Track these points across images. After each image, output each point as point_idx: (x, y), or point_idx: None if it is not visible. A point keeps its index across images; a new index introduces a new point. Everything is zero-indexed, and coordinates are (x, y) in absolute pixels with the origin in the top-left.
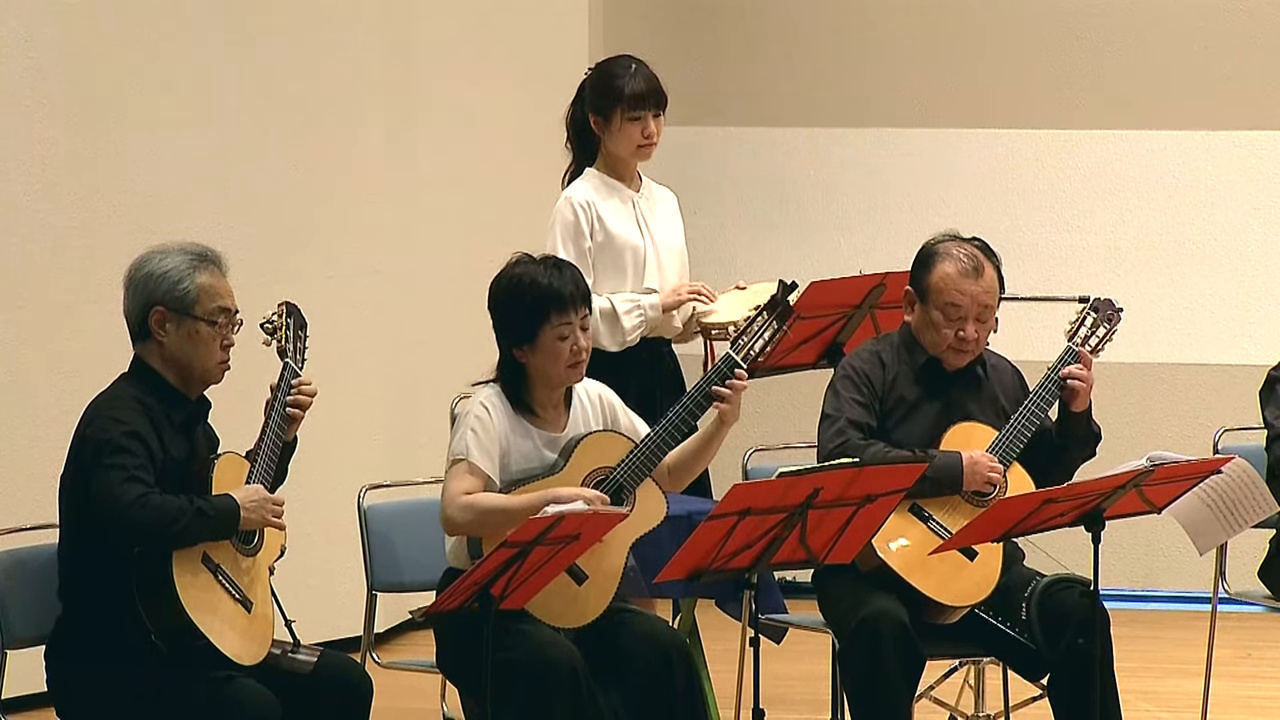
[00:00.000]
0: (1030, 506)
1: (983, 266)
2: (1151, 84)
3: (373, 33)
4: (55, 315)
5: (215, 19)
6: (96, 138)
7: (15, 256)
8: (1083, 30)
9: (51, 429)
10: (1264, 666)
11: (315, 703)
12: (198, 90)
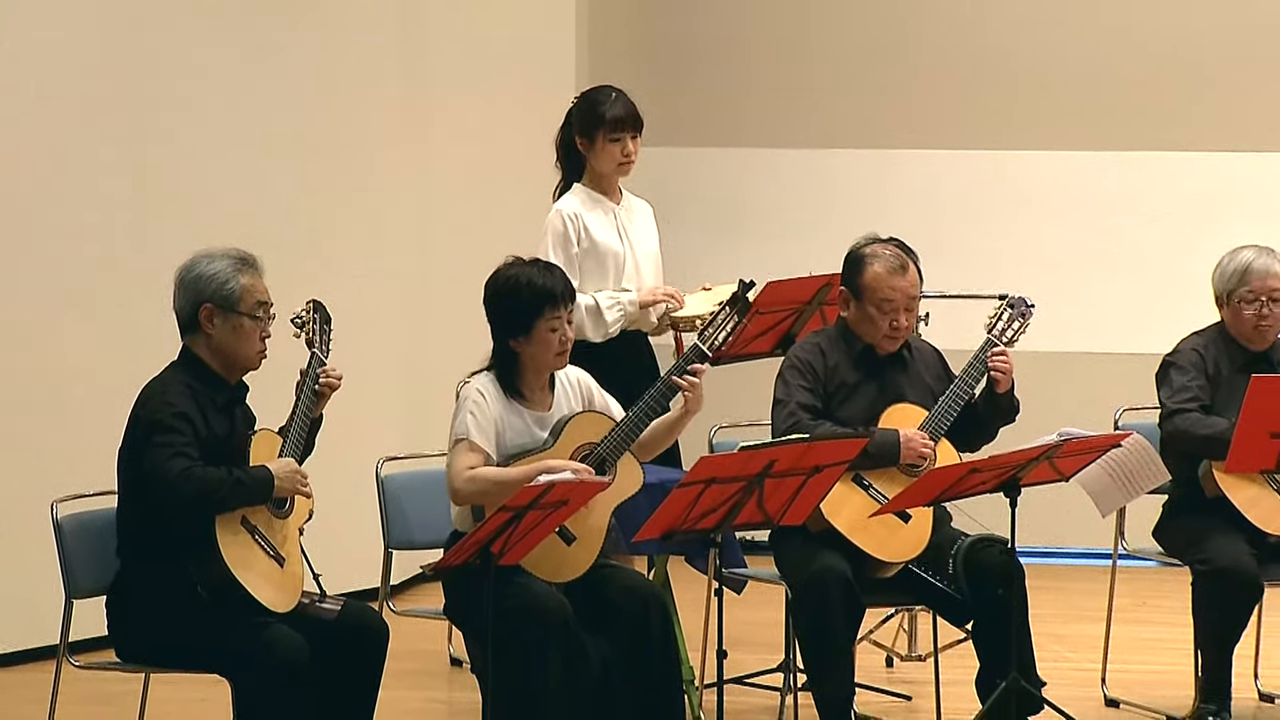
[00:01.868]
0: (957, 476)
1: (907, 264)
2: (1063, 112)
3: (391, 60)
4: (109, 309)
5: (251, 47)
6: (144, 152)
7: (72, 258)
8: (1003, 65)
9: (109, 409)
10: (1156, 613)
11: (339, 645)
12: (235, 109)
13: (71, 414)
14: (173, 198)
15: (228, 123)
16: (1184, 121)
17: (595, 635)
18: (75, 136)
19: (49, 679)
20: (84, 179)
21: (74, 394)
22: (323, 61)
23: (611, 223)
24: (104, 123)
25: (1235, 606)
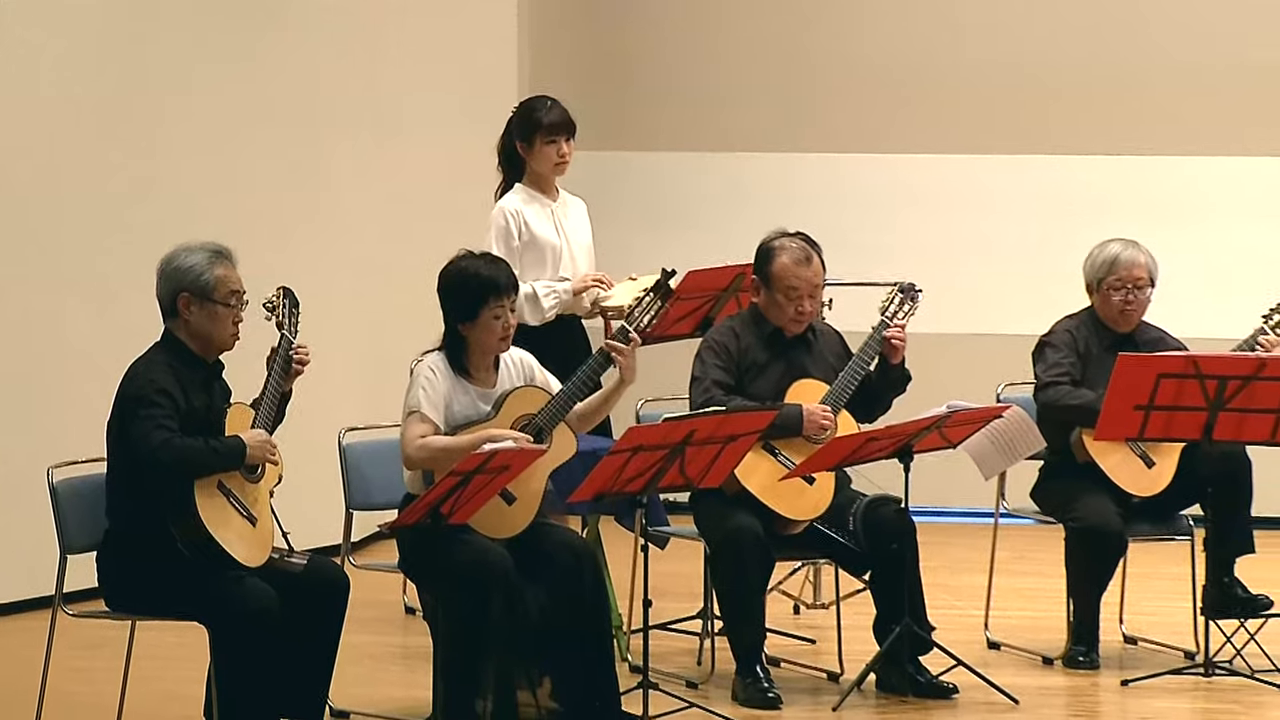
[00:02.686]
0: (856, 443)
1: (811, 255)
2: (947, 119)
3: (355, 72)
4: (101, 295)
5: (231, 60)
6: (134, 154)
7: (68, 249)
8: (893, 76)
9: (100, 385)
10: (1033, 565)
11: (305, 596)
12: (216, 117)
13: (66, 389)
14: (159, 195)
15: (209, 128)
16: (1053, 127)
17: (534, 585)
18: (73, 140)
19: (45, 626)
20: (81, 178)
21: (68, 371)
22: (294, 73)
23: (549, 218)
24: (100, 129)
25: (1103, 560)
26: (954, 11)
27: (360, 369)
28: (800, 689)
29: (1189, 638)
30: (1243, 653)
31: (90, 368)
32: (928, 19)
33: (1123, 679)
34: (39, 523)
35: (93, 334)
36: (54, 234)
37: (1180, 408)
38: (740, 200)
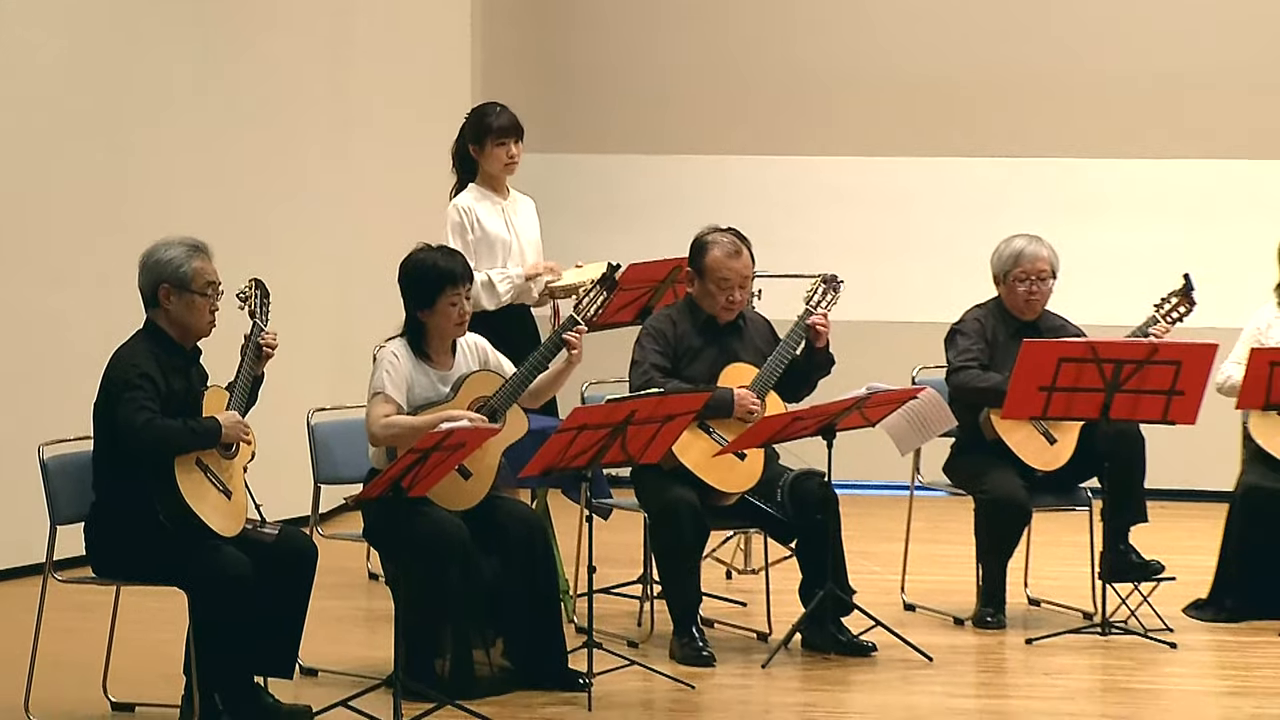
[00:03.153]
0: (783, 422)
1: (741, 249)
2: (867, 122)
3: (321, 80)
4: (88, 286)
5: (208, 69)
6: (118, 156)
7: (58, 243)
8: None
9: (87, 369)
10: (946, 534)
11: (276, 563)
12: (194, 122)
13: (56, 373)
14: (141, 193)
15: (188, 132)
16: (962, 132)
17: (488, 553)
18: (62, 143)
19: (36, 591)
20: (70, 178)
21: (58, 356)
22: (267, 81)
23: (500, 215)
24: (87, 132)
25: (1009, 529)
26: (873, 24)
27: (327, 354)
28: (732, 648)
29: (1087, 600)
30: (1136, 613)
31: (78, 353)
32: (850, 31)
33: (1027, 638)
34: (30, 496)
35: (80, 322)
36: (45, 230)
37: (1080, 389)
38: (677, 199)
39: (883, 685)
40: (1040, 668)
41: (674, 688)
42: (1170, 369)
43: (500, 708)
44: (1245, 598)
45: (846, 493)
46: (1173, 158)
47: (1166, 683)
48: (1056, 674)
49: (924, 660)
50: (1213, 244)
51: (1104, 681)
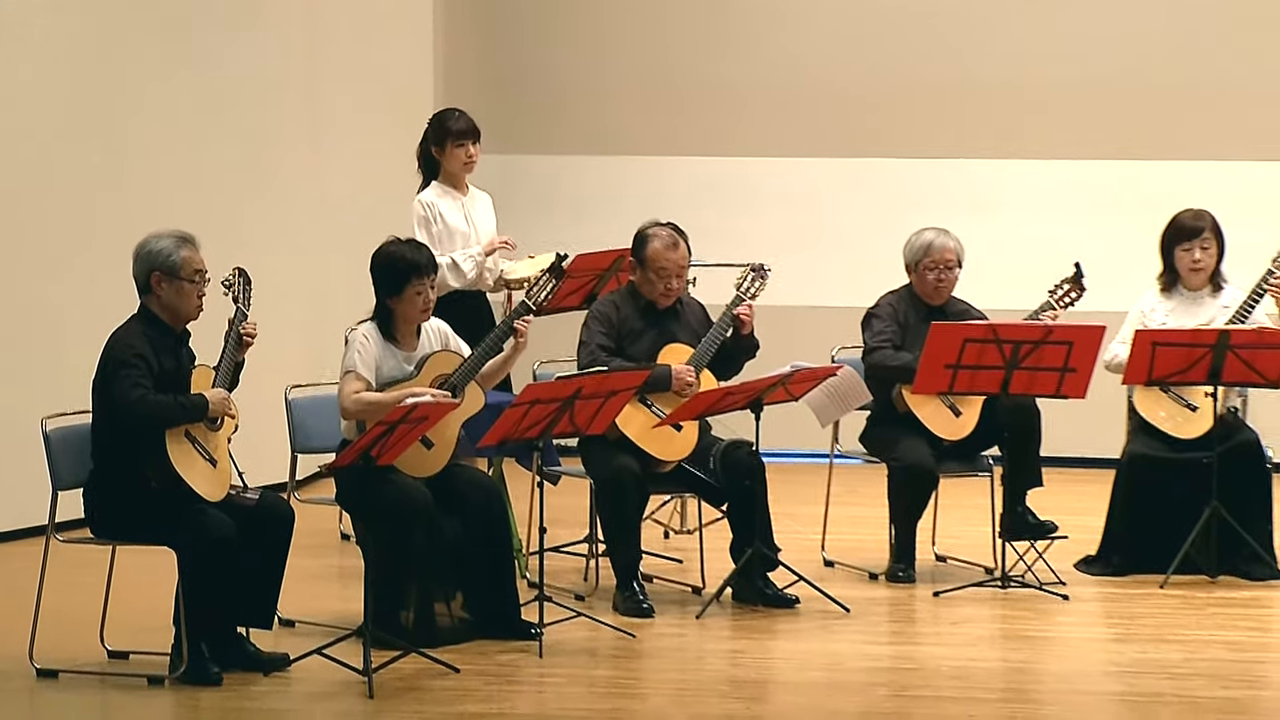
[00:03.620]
0: (716, 397)
1: (678, 241)
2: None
3: (296, 86)
4: (87, 273)
5: (193, 75)
6: (113, 156)
7: (60, 234)
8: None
9: (87, 349)
10: (861, 498)
11: (257, 525)
12: (181, 123)
13: (56, 353)
14: (132, 191)
15: (174, 135)
16: (875, 134)
17: (449, 516)
18: (62, 144)
19: (39, 550)
20: (67, 178)
21: (58, 338)
22: (246, 89)
23: (460, 210)
24: (84, 133)
25: (919, 492)
26: (794, 38)
27: (303, 335)
28: (669, 600)
29: (989, 556)
30: (1033, 569)
31: (78, 335)
32: (773, 44)
33: (934, 590)
34: (34, 464)
35: (77, 308)
36: (44, 224)
37: (982, 367)
38: (619, 195)
39: (805, 634)
40: (946, 617)
41: (617, 637)
42: (1063, 348)
43: (460, 655)
44: (1130, 554)
45: (772, 460)
46: (1060, 159)
47: (1059, 630)
48: (961, 623)
49: (842, 611)
50: (1100, 236)
51: (1003, 630)
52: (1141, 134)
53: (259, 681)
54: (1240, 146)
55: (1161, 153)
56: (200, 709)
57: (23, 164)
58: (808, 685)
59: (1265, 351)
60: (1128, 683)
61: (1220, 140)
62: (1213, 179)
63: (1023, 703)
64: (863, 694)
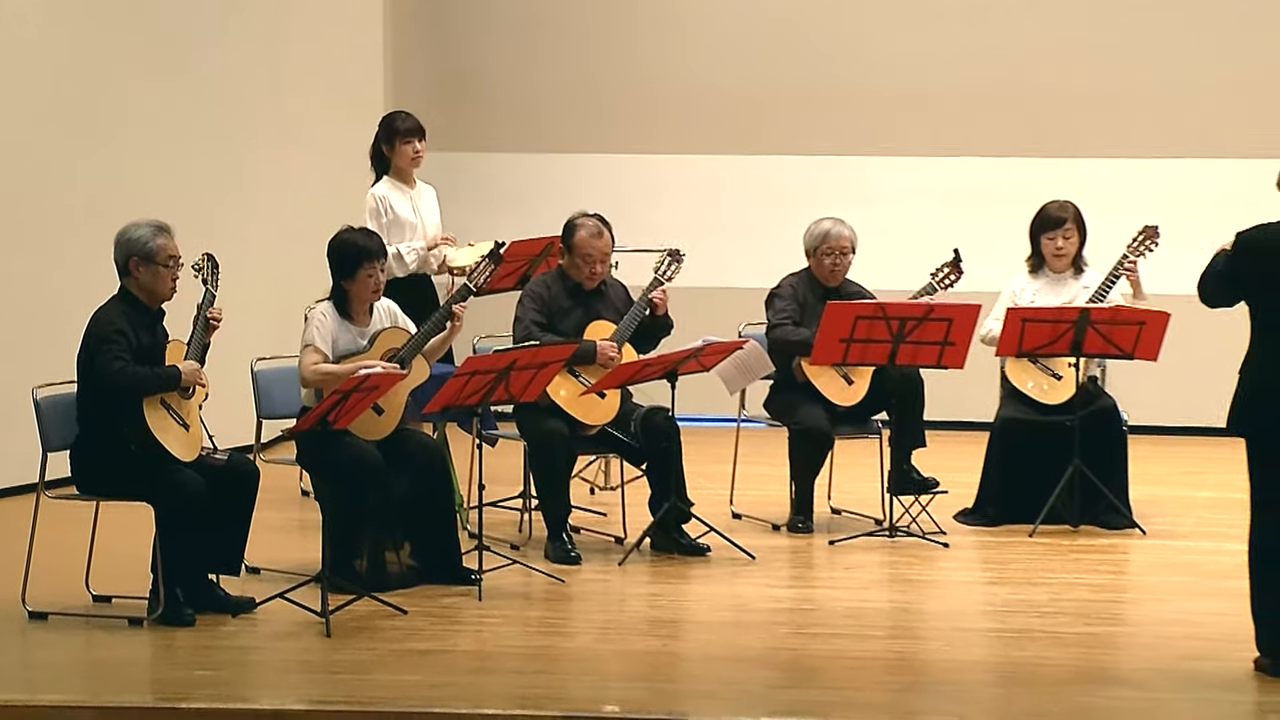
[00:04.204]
0: (636, 368)
1: (602, 230)
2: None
3: (264, 91)
4: (74, 258)
5: (171, 80)
6: (99, 153)
7: (50, 224)
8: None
9: (72, 325)
10: (765, 458)
11: (226, 483)
12: (160, 122)
13: (46, 330)
14: (117, 183)
15: (153, 134)
16: (774, 134)
17: (398, 474)
18: (53, 142)
19: (31, 506)
20: (59, 175)
21: (48, 317)
22: (218, 92)
23: (408, 202)
24: (73, 133)
25: (816, 453)
26: (702, 47)
27: (267, 313)
28: (595, 550)
29: (878, 509)
30: (917, 520)
31: (63, 314)
32: (683, 53)
33: (830, 539)
34: (25, 429)
35: (66, 288)
36: (39, 214)
37: (872, 341)
38: (550, 188)
39: (715, 579)
40: (841, 564)
41: (548, 582)
42: (943, 324)
43: (408, 598)
44: (1002, 507)
45: (686, 425)
46: (939, 155)
47: (940, 575)
48: (854, 568)
49: (748, 559)
50: (975, 225)
51: (891, 574)
52: (1010, 133)
53: (228, 622)
54: (1098, 145)
55: (1029, 150)
56: (175, 647)
57: (18, 160)
58: (718, 624)
59: (1121, 327)
60: (1000, 620)
61: (1082, 139)
62: (1075, 174)
63: (908, 639)
64: (767, 632)
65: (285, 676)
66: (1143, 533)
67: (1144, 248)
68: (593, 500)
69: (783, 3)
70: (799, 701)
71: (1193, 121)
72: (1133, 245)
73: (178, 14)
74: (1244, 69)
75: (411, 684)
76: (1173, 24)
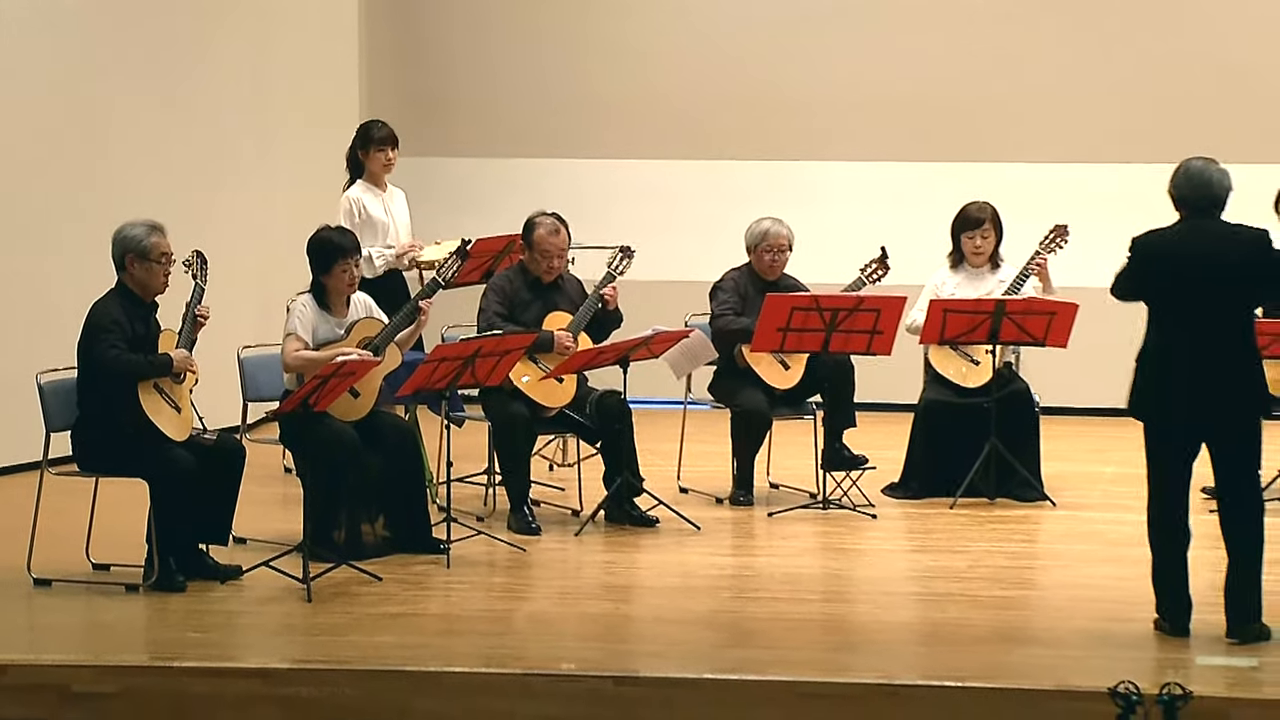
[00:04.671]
0: (591, 355)
1: (559, 228)
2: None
3: (246, 103)
4: (74, 254)
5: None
6: (97, 157)
7: (53, 221)
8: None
9: (73, 316)
10: (710, 436)
11: (214, 460)
12: (152, 133)
13: (50, 320)
14: (111, 187)
15: (147, 139)
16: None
17: (372, 453)
18: (55, 147)
19: (35, 481)
20: (59, 175)
21: (51, 308)
22: (206, 100)
23: (381, 204)
24: (73, 139)
25: (755, 432)
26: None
27: (252, 305)
28: (553, 521)
29: (813, 484)
30: (848, 493)
31: (64, 306)
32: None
33: (769, 511)
34: (30, 411)
35: (67, 283)
36: (42, 213)
37: (807, 330)
38: (512, 190)
39: (664, 547)
40: (778, 533)
41: (511, 551)
42: (872, 314)
43: (382, 566)
44: (925, 481)
45: (637, 406)
46: (868, 161)
47: (869, 543)
48: (790, 538)
49: (694, 529)
50: (901, 224)
51: (824, 543)
52: (934, 141)
53: (217, 589)
54: (1015, 151)
55: (951, 157)
56: (168, 610)
57: (22, 164)
58: (666, 589)
59: (1033, 317)
60: (923, 585)
61: (1000, 147)
62: (993, 178)
63: (839, 602)
64: (711, 596)
65: (269, 638)
66: (1053, 505)
67: (1054, 245)
68: (551, 476)
69: (727, 20)
70: (740, 660)
71: (1096, 130)
72: (1044, 243)
73: (166, 34)
74: (1143, 84)
75: (385, 644)
76: (1083, 45)
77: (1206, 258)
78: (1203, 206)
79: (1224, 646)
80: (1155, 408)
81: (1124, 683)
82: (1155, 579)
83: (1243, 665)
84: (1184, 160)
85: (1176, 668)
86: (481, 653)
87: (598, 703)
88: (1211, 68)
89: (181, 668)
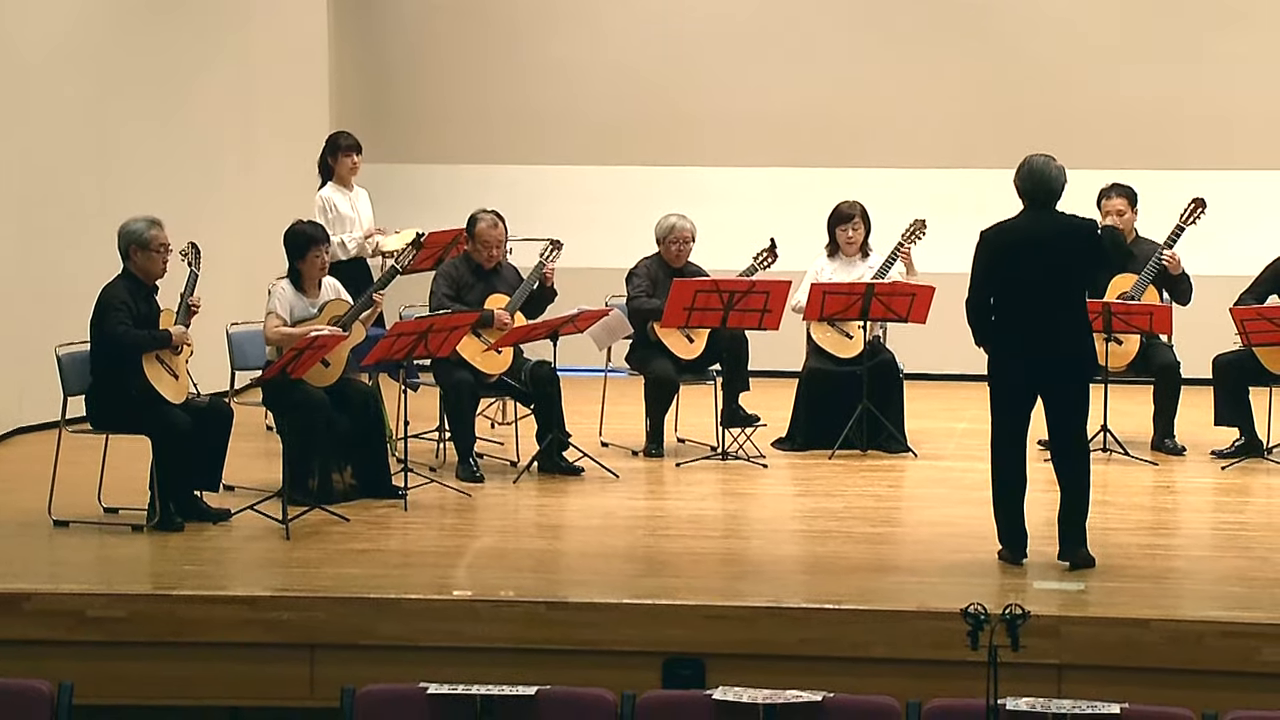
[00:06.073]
0: (526, 331)
1: (498, 223)
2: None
3: (233, 116)
4: (89, 244)
5: (158, 103)
6: (103, 160)
7: (69, 215)
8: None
9: (87, 297)
10: (627, 399)
11: (207, 420)
12: (152, 143)
13: (67, 300)
14: (119, 188)
15: (151, 152)
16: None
17: (341, 413)
18: (71, 155)
19: (54, 438)
20: (76, 177)
21: (68, 289)
22: (200, 113)
23: (348, 202)
24: (88, 148)
25: (666, 395)
26: (577, 76)
27: (239, 287)
28: (495, 471)
29: (713, 438)
30: (743, 447)
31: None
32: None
33: (676, 462)
34: (50, 378)
35: (81, 269)
36: (66, 212)
37: (708, 309)
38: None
39: (588, 493)
40: (685, 481)
41: (459, 496)
42: (763, 296)
43: (350, 509)
44: (808, 437)
45: (565, 374)
46: (760, 166)
47: (762, 489)
48: (695, 484)
49: (614, 477)
50: (787, 219)
51: (724, 489)
52: (812, 150)
53: (209, 529)
54: (874, 158)
55: (825, 163)
56: (169, 547)
57: (50, 174)
58: (591, 529)
59: (898, 298)
60: (807, 523)
61: (861, 153)
62: (859, 180)
63: (738, 538)
64: (629, 534)
65: (254, 570)
66: (915, 455)
67: (915, 236)
68: (493, 433)
69: (639, 46)
70: (653, 587)
71: (940, 140)
72: (906, 234)
73: (167, 66)
74: (977, 102)
75: (352, 575)
76: (924, 72)
77: (1045, 242)
78: (1040, 198)
79: (1056, 574)
80: (997, 374)
81: (974, 604)
82: (997, 517)
83: (1072, 589)
84: (1027, 157)
85: (1017, 591)
86: (434, 582)
87: (533, 624)
88: (1035, 87)
89: (180, 595)
